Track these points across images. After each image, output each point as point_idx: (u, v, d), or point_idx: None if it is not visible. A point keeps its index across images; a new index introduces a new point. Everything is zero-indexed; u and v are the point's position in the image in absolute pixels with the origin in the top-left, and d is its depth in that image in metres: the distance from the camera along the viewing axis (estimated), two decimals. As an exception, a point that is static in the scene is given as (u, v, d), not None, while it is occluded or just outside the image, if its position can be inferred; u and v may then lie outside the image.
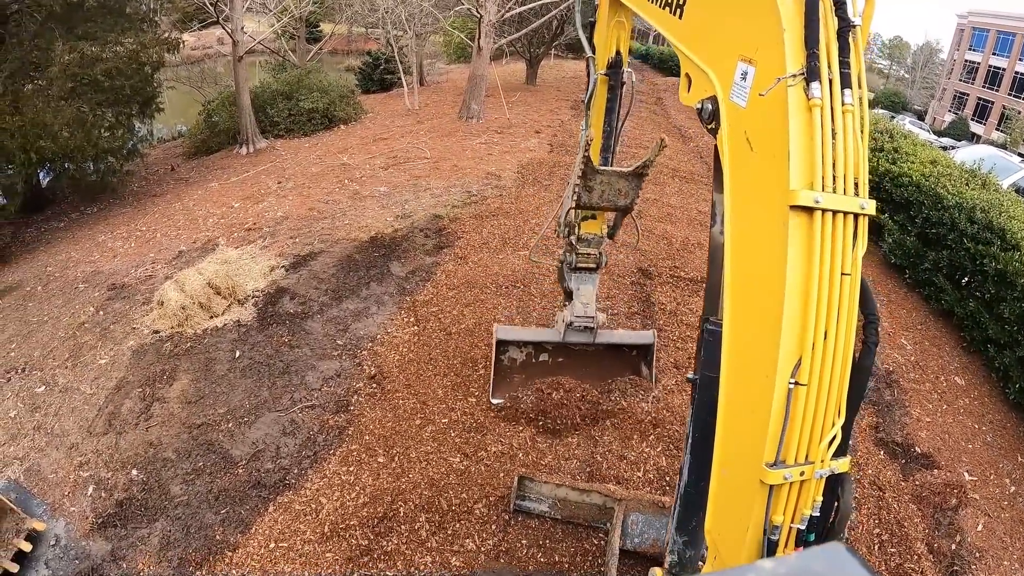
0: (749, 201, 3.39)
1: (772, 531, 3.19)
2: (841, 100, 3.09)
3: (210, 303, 10.72)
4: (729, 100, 3.53)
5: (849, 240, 3.08)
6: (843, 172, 3.07)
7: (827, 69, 3.08)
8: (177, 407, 9.11)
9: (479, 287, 11.51)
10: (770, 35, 3.19)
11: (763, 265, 3.21)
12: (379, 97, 34.50)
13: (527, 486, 7.59)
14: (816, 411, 3.08)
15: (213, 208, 16.17)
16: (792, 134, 3.04)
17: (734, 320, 3.45)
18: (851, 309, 3.09)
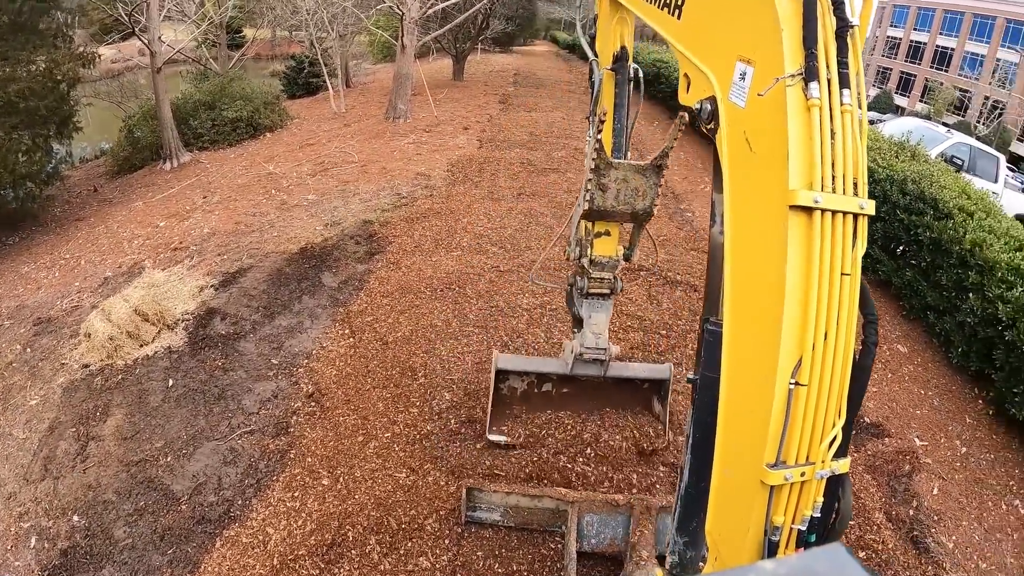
0: (748, 201, 3.41)
1: (773, 532, 3.18)
2: (840, 100, 3.11)
3: (138, 331, 10.43)
4: (728, 100, 3.55)
5: (849, 240, 3.09)
6: (842, 172, 3.08)
7: (826, 69, 3.10)
8: (113, 445, 8.83)
9: (413, 292, 11.37)
10: (768, 35, 3.21)
11: (763, 265, 3.22)
12: (305, 102, 34.08)
13: (477, 496, 7.49)
14: (816, 411, 3.08)
15: (138, 229, 15.78)
16: (791, 134, 3.06)
17: (734, 320, 3.46)
18: (851, 309, 3.10)
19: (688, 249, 13.77)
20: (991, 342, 9.79)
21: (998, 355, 9.65)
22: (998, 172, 21.99)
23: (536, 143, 21.12)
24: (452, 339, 10.24)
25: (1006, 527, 8.46)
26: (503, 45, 51.10)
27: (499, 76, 37.85)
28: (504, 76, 37.90)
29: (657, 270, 12.57)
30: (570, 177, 17.29)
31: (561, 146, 20.76)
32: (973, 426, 9.78)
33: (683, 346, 10.57)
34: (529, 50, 61.46)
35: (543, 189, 16.34)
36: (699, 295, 11.78)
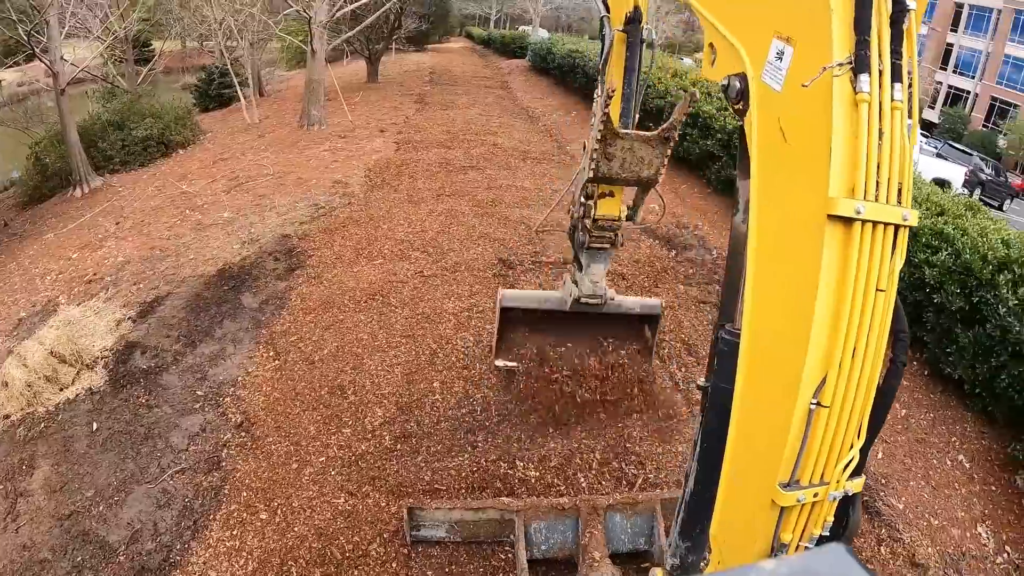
0: (779, 200, 3.11)
1: (780, 548, 3.04)
2: (891, 95, 2.79)
3: (57, 374, 10.05)
4: (760, 80, 3.19)
5: (887, 253, 2.84)
6: (887, 177, 2.80)
7: (878, 59, 2.77)
8: (43, 499, 8.47)
9: (337, 306, 11.17)
10: (815, 14, 2.85)
11: (791, 275, 2.99)
12: (218, 114, 33.40)
13: (419, 515, 7.37)
14: (836, 433, 2.91)
15: (50, 263, 15.26)
16: (835, 133, 2.75)
17: (754, 331, 3.24)
18: (883, 327, 2.89)
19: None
20: (920, 305, 9.97)
21: (928, 317, 9.86)
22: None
23: (454, 141, 20.99)
24: (379, 352, 10.08)
25: (953, 483, 8.65)
26: (418, 44, 50.83)
27: (415, 75, 37.65)
28: (420, 75, 37.72)
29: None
30: (490, 174, 17.23)
31: (479, 143, 20.68)
32: (910, 388, 9.95)
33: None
34: (445, 47, 61.24)
35: (463, 188, 16.22)
36: (627, 283, 11.78)
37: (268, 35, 34.07)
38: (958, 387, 9.81)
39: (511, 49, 50.70)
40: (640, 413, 9.08)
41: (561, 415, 8.83)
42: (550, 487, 8.07)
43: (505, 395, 9.30)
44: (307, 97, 24.69)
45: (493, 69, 40.91)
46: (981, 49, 62.32)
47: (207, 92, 37.37)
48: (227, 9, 28.07)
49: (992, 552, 7.90)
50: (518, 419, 8.87)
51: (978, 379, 9.25)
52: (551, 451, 8.47)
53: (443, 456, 8.43)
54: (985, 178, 33.87)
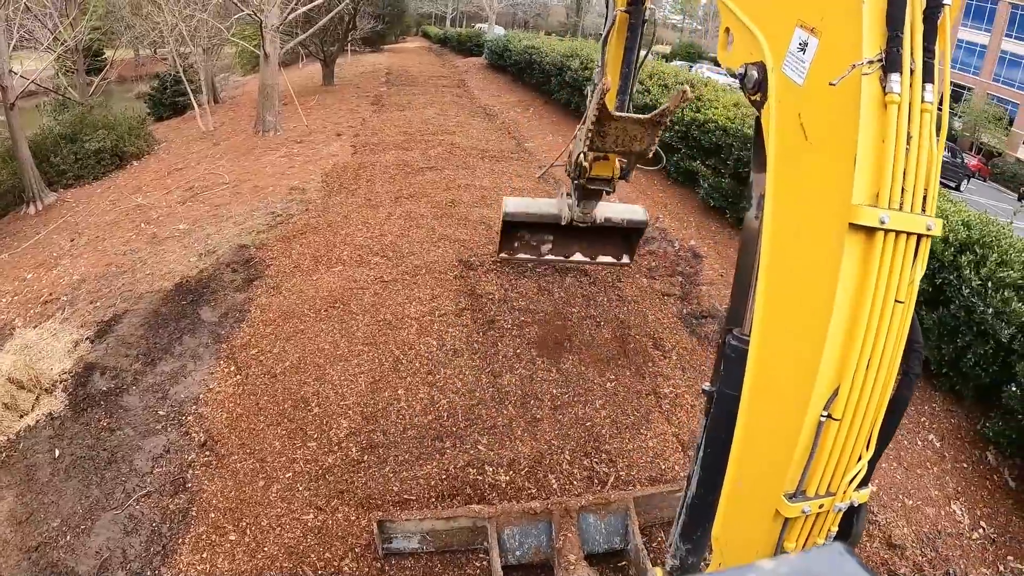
0: (798, 203, 2.99)
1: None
2: (921, 97, 2.67)
3: (15, 401, 9.81)
4: (780, 71, 3.04)
5: (909, 263, 2.75)
6: (912, 184, 2.70)
7: (909, 58, 2.64)
8: (9, 531, 8.24)
9: (297, 316, 11.05)
10: (846, 5, 2.69)
11: (807, 283, 2.88)
12: (173, 123, 33.04)
13: (389, 527, 7.31)
14: (845, 446, 2.86)
15: (5, 285, 14.96)
16: (862, 135, 2.62)
17: (764, 338, 3.16)
18: (899, 339, 2.82)
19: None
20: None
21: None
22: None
23: (411, 143, 20.84)
24: (342, 361, 9.99)
25: (925, 462, 8.74)
26: (373, 44, 50.59)
27: (371, 77, 37.43)
28: (376, 76, 37.49)
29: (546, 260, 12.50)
30: (448, 174, 17.13)
31: (437, 143, 20.56)
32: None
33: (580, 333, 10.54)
34: (401, 47, 61.05)
35: (421, 189, 16.11)
36: (590, 279, 11.77)
37: (221, 40, 33.67)
38: (925, 368, 9.88)
39: (468, 47, 50.70)
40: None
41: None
42: (521, 491, 8.05)
43: (471, 399, 9.27)
44: (261, 102, 24.44)
45: (450, 68, 40.77)
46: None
47: (161, 100, 36.97)
48: (179, 15, 27.73)
49: (967, 528, 7.98)
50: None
51: (944, 359, 9.34)
52: (520, 454, 8.44)
53: (411, 465, 8.37)
54: (941, 160, 34.31)
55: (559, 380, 9.70)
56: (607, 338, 10.59)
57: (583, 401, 9.37)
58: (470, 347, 10.21)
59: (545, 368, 9.88)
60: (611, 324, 10.89)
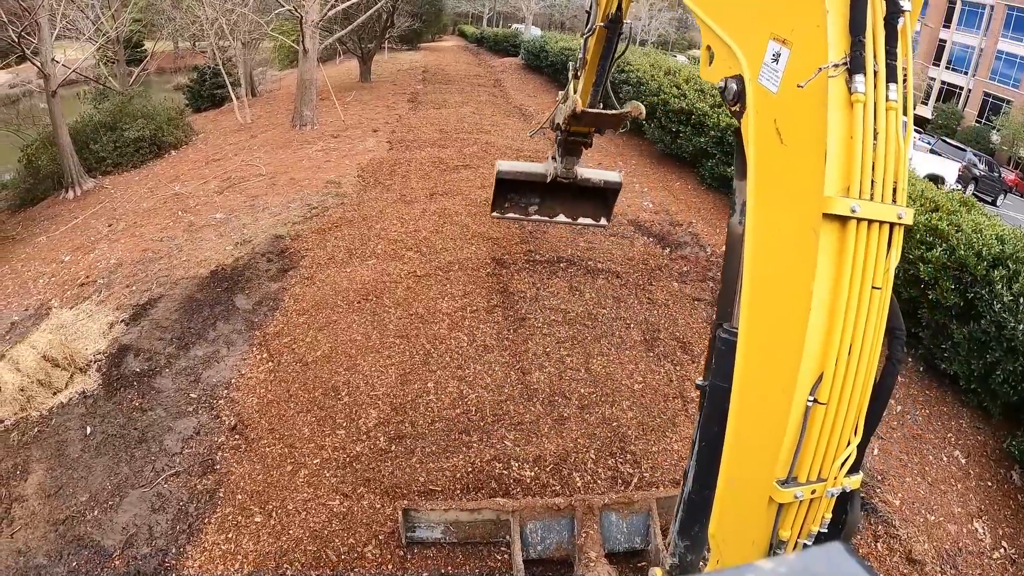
0: (776, 201, 3.17)
1: (778, 546, 3.11)
2: (885, 96, 2.88)
3: (50, 378, 9.96)
4: (757, 82, 3.26)
5: (883, 251, 2.91)
6: (882, 176, 2.88)
7: (872, 60, 2.85)
8: (38, 504, 8.35)
9: (330, 307, 11.14)
10: (811, 16, 2.92)
11: (787, 274, 3.04)
12: (211, 114, 33.32)
13: (414, 516, 7.35)
14: (833, 430, 2.96)
15: (42, 266, 15.19)
16: (831, 132, 2.82)
17: (751, 330, 3.31)
18: (879, 324, 2.96)
19: (607, 235, 13.74)
20: (916, 302, 10.01)
21: (923, 313, 9.88)
22: (906, 136, 22.51)
23: (447, 140, 20.91)
24: (373, 353, 10.06)
25: (949, 478, 8.67)
26: (410, 42, 50.69)
27: (407, 74, 37.56)
28: (412, 74, 37.62)
29: (578, 260, 12.53)
30: (483, 173, 17.15)
31: (472, 141, 20.60)
32: (905, 384, 9.97)
33: (609, 335, 10.55)
34: (437, 46, 61.12)
35: (456, 187, 16.17)
36: (621, 281, 11.80)
37: (260, 35, 33.94)
38: (953, 383, 9.82)
39: (504, 47, 50.71)
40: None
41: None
42: (545, 487, 8.06)
43: (499, 395, 9.30)
44: (299, 97, 24.59)
45: (486, 67, 40.84)
46: (974, 45, 62.40)
47: (199, 92, 37.28)
48: (219, 9, 27.98)
49: (988, 547, 7.91)
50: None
51: (973, 375, 9.26)
52: (546, 451, 8.46)
53: (438, 457, 8.41)
54: (979, 174, 33.89)
55: (587, 380, 9.71)
56: (636, 340, 10.60)
57: (610, 402, 9.38)
58: (500, 344, 10.25)
59: (574, 367, 9.90)
60: (640, 327, 10.89)
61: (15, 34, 20.53)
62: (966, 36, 63.41)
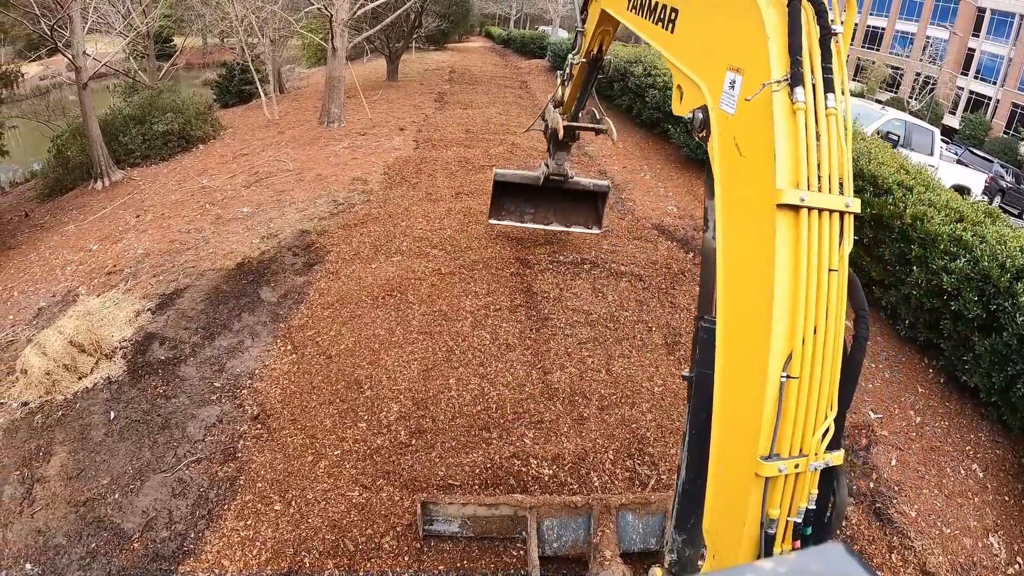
0: (739, 203, 3.61)
1: (769, 525, 3.27)
2: (824, 104, 3.32)
3: (76, 363, 10.09)
4: (719, 108, 3.77)
5: (835, 237, 3.28)
6: (828, 172, 3.28)
7: (810, 75, 3.30)
8: (59, 485, 8.47)
9: (354, 302, 11.22)
10: (756, 44, 3.45)
11: (753, 263, 3.41)
12: (238, 110, 33.54)
13: (432, 509, 7.39)
14: (808, 404, 3.21)
15: (70, 254, 15.38)
16: (777, 136, 3.26)
17: (726, 318, 3.63)
18: (839, 304, 3.27)
19: (631, 239, 13.77)
20: (937, 313, 9.96)
21: (945, 325, 9.83)
22: (933, 145, 22.43)
23: (473, 140, 20.99)
24: (396, 348, 10.13)
25: (966, 491, 8.61)
26: (437, 43, 50.81)
27: (434, 74, 37.68)
28: (439, 74, 37.74)
29: (601, 262, 12.55)
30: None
31: (498, 142, 20.67)
32: (926, 395, 9.93)
33: (631, 337, 10.57)
34: (464, 46, 61.26)
35: (482, 187, 16.20)
36: (644, 284, 11.82)
37: (289, 32, 34.12)
38: (974, 395, 9.77)
39: (531, 49, 50.83)
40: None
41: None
42: (563, 486, 8.09)
43: (520, 394, 9.35)
44: (327, 94, 24.71)
45: (512, 69, 40.93)
46: (1003, 55, 61.96)
47: (228, 88, 37.55)
48: (249, 6, 28.14)
49: (1004, 563, 7.87)
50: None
51: (994, 388, 9.19)
52: (565, 450, 8.49)
53: (457, 452, 8.46)
54: (1005, 185, 33.63)
55: (608, 381, 9.73)
56: (657, 343, 10.61)
57: (630, 403, 9.39)
58: (522, 343, 10.30)
59: (595, 368, 9.92)
60: (662, 330, 10.90)
61: (48, 27, 20.80)
62: (995, 45, 62.99)
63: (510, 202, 12.69)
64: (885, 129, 21.20)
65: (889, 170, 11.49)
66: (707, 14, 4.16)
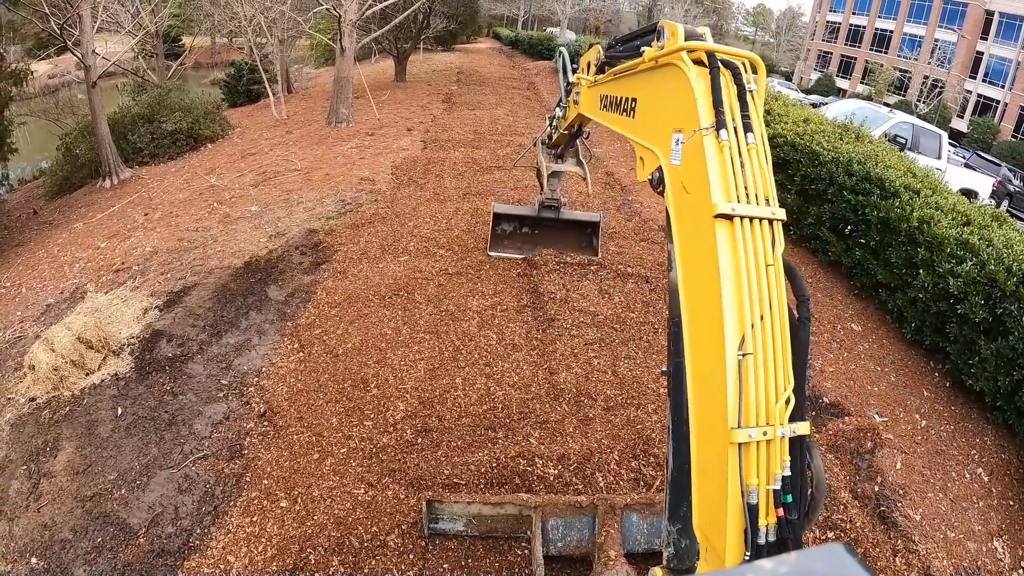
0: (688, 226, 4.27)
1: (750, 494, 3.55)
2: (746, 140, 4.07)
3: (83, 359, 10.13)
4: (669, 164, 4.53)
5: (768, 239, 3.92)
6: (754, 192, 3.97)
7: (732, 120, 4.09)
8: (66, 480, 8.51)
9: (361, 301, 11.25)
10: (689, 105, 4.25)
11: (704, 267, 3.96)
12: (246, 110, 33.63)
13: (437, 508, 7.38)
14: (767, 378, 3.68)
15: (79, 251, 15.43)
16: (710, 167, 3.99)
17: (690, 314, 4.16)
18: (779, 293, 3.84)
19: (638, 240, 13.79)
20: (944, 316, 9.97)
21: (951, 328, 9.83)
22: (941, 149, 22.39)
23: (481, 141, 21.03)
24: (403, 347, 10.14)
25: (971, 495, 8.60)
26: (445, 43, 50.94)
27: (442, 75, 37.75)
28: (447, 75, 37.81)
29: (608, 264, 12.56)
30: (515, 175, 17.25)
31: (506, 143, 20.71)
32: (931, 399, 9.92)
33: (637, 338, 10.58)
34: (472, 47, 61.35)
35: (489, 187, 16.27)
36: (651, 286, 11.83)
37: (297, 32, 34.20)
38: (979, 399, 9.76)
39: (538, 50, 50.90)
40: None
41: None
42: (568, 486, 8.09)
43: (526, 394, 9.36)
44: (335, 94, 24.76)
45: (520, 70, 40.99)
46: (1011, 58, 61.86)
47: (236, 87, 37.65)
48: (257, 6, 28.21)
49: (1008, 568, 7.86)
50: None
51: (1000, 392, 9.18)
52: (570, 450, 8.50)
53: (463, 451, 8.46)
54: (1013, 189, 33.54)
55: (614, 382, 9.73)
56: (663, 345, 10.60)
57: (636, 404, 9.38)
58: (529, 343, 10.31)
59: (601, 369, 9.93)
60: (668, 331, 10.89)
61: (57, 25, 20.85)
62: (1003, 49, 62.91)
63: (508, 234, 13.28)
64: (893, 132, 21.20)
65: (896, 173, 11.49)
66: (655, 94, 5.05)
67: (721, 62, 4.30)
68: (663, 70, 4.83)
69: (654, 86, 5.10)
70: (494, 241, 12.92)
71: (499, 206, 12.99)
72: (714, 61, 4.28)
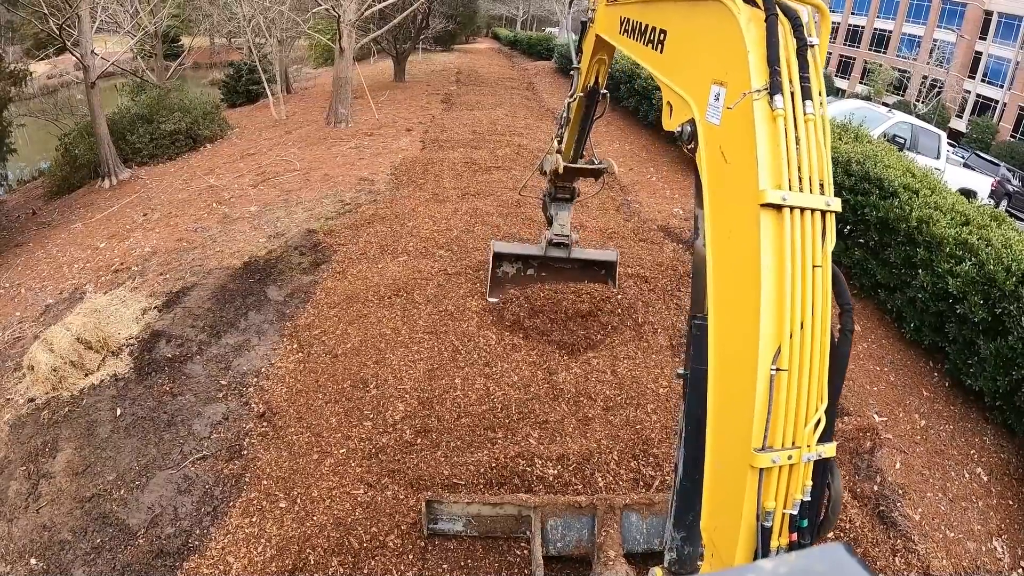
0: (725, 206, 3.74)
1: (765, 518, 3.29)
2: (803, 110, 3.45)
3: (82, 360, 10.13)
4: (705, 120, 3.94)
5: (818, 235, 3.38)
6: (808, 174, 3.38)
7: (788, 83, 3.44)
8: (65, 481, 8.51)
9: (361, 301, 11.25)
10: (737, 58, 3.61)
11: (740, 262, 3.51)
12: (245, 110, 33.60)
13: (437, 508, 7.39)
14: (799, 396, 3.28)
15: (78, 252, 15.44)
16: (759, 141, 3.40)
17: (717, 315, 3.73)
18: (824, 299, 3.36)
19: (637, 240, 13.78)
20: (943, 316, 9.97)
21: (950, 328, 9.82)
22: (940, 149, 22.40)
23: (480, 141, 21.05)
24: (402, 347, 10.14)
25: (970, 495, 8.60)
26: (444, 44, 50.99)
27: (441, 75, 37.75)
28: (446, 75, 37.81)
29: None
30: (514, 174, 17.25)
31: (505, 143, 20.70)
32: (930, 399, 9.92)
33: (638, 339, 10.57)
34: (471, 48, 61.36)
35: (488, 188, 16.27)
36: (649, 287, 11.82)
37: (297, 33, 34.21)
38: (979, 399, 9.76)
39: (537, 51, 50.98)
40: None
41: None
42: (568, 486, 8.09)
43: (525, 394, 9.36)
44: (335, 94, 24.79)
45: (519, 70, 41.00)
46: (1010, 58, 61.83)
47: (235, 88, 37.60)
48: (256, 6, 28.21)
49: (1007, 567, 7.86)
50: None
51: (999, 391, 9.17)
52: (569, 450, 8.49)
53: (462, 451, 8.47)
54: (1012, 189, 33.49)
55: (613, 382, 9.73)
56: (663, 344, 10.61)
57: (635, 404, 9.38)
58: (528, 343, 10.31)
59: (600, 369, 9.93)
60: (667, 331, 10.90)
61: (56, 26, 20.84)
62: (1002, 49, 62.87)
63: (511, 276, 11.72)
64: (891, 132, 21.20)
65: (895, 173, 11.50)
66: (692, 33, 4.37)
67: (779, 6, 3.54)
68: (706, 4, 4.04)
69: (691, 22, 4.37)
70: (494, 285, 11.42)
71: (499, 244, 11.51)
72: (771, 5, 3.53)
